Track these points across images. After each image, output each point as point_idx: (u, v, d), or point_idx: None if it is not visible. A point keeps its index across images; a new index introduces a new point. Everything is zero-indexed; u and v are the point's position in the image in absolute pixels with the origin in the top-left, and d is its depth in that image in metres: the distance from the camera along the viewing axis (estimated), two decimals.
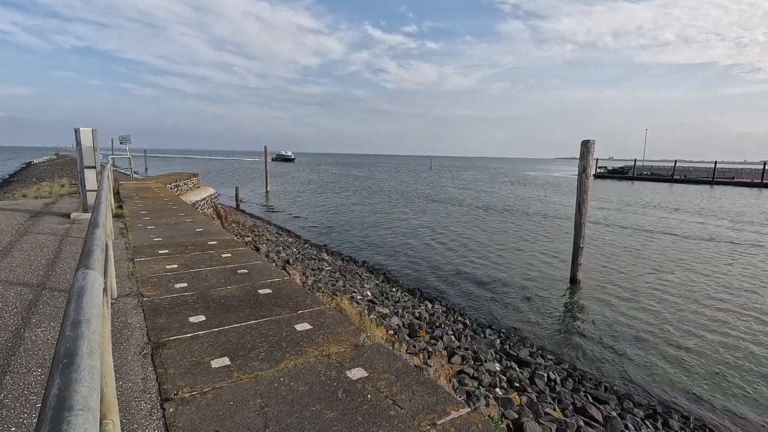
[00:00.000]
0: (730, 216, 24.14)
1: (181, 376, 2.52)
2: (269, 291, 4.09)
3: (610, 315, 9.27)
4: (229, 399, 2.31)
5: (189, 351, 2.84)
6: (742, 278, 12.02)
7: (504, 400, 5.09)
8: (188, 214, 8.70)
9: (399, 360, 2.82)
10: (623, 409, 5.82)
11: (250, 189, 36.57)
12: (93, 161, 8.04)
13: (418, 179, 58.21)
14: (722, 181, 51.24)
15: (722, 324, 8.80)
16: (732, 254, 14.94)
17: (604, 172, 64.86)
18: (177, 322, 3.29)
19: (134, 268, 4.73)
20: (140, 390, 2.41)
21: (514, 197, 35.15)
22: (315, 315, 3.53)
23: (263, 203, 28.39)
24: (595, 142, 11.05)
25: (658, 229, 19.79)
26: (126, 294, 3.95)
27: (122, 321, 3.34)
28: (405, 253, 14.76)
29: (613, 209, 26.72)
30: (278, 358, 2.77)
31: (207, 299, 3.81)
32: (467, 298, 10.42)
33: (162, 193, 12.24)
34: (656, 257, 14.37)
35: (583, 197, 11.20)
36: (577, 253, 11.48)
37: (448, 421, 2.15)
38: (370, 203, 29.44)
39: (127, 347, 2.92)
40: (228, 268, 4.83)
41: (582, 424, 5.03)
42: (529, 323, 8.91)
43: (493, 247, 15.87)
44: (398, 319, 7.78)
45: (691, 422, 5.70)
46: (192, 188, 17.34)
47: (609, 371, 7.05)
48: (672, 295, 10.58)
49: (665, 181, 55.04)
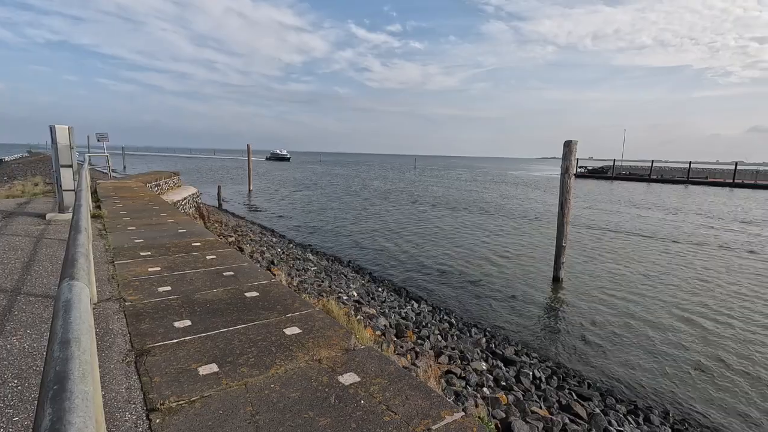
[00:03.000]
0: (705, 215, 24.95)
1: (168, 385, 2.44)
2: (256, 294, 4.01)
3: (592, 313, 9.45)
4: (218, 407, 2.25)
5: (175, 358, 2.75)
6: (719, 276, 12.42)
7: (492, 399, 5.13)
8: (170, 214, 8.50)
9: (391, 363, 2.80)
10: (606, 406, 5.94)
11: (233, 188, 36.02)
12: (69, 160, 7.77)
13: (403, 178, 58.33)
14: (696, 181, 52.98)
15: (699, 320, 9.07)
16: (708, 253, 15.43)
17: (584, 172, 66.16)
18: (161, 328, 3.20)
19: (115, 271, 4.59)
20: (124, 400, 2.33)
21: (498, 197, 35.55)
22: (304, 318, 3.47)
23: (246, 202, 28.00)
24: (577, 143, 11.24)
25: (637, 228, 20.30)
26: (107, 298, 3.82)
27: (103, 327, 3.22)
28: (390, 253, 14.75)
29: (594, 209, 27.29)
30: (268, 364, 2.71)
31: (192, 303, 3.72)
32: (453, 297, 10.48)
33: (142, 193, 11.93)
34: (636, 256, 14.73)
35: (566, 197, 11.38)
36: (559, 252, 11.67)
37: (443, 426, 2.14)
38: (354, 202, 29.35)
39: (110, 355, 2.82)
40: (213, 270, 4.73)
41: (567, 422, 5.10)
42: (514, 322, 9.01)
43: (477, 246, 16.01)
44: (385, 319, 7.76)
45: (670, 417, 5.85)
46: (173, 187, 16.97)
47: (592, 368, 7.18)
48: (651, 292, 10.86)
49: (643, 181, 56.58)
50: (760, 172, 53.26)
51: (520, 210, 26.76)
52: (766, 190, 45.19)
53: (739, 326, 8.80)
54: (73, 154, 7.92)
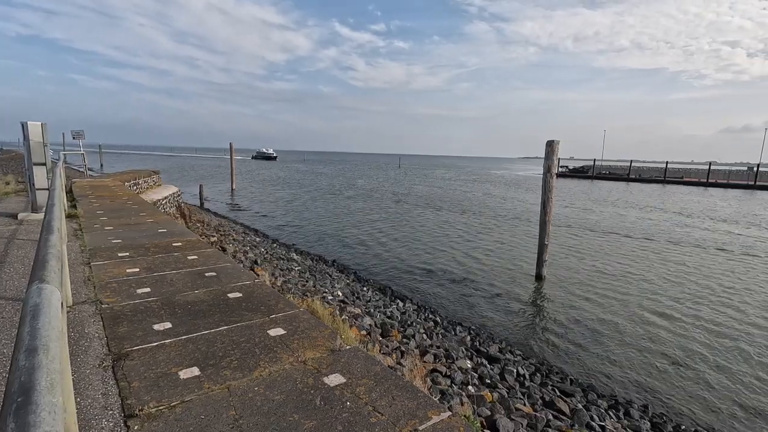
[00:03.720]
0: (680, 213, 25.67)
1: (147, 390, 2.36)
2: (240, 294, 3.94)
3: (574, 310, 9.61)
4: (200, 412, 2.18)
5: (154, 361, 2.67)
6: (693, 273, 12.78)
7: (477, 397, 5.16)
8: (149, 213, 8.29)
9: (377, 364, 2.77)
10: (588, 401, 6.04)
11: (215, 187, 35.44)
12: (43, 158, 7.50)
13: (388, 177, 58.36)
14: (672, 180, 54.59)
15: (675, 315, 9.32)
16: (682, 251, 15.88)
17: (565, 172, 67.35)
18: (140, 331, 3.10)
19: (91, 273, 4.44)
20: (101, 407, 2.24)
21: (481, 195, 35.89)
22: (289, 319, 3.42)
23: (229, 201, 27.59)
24: (559, 143, 11.40)
25: (617, 226, 20.76)
26: (82, 301, 3.68)
27: (78, 331, 3.11)
28: (375, 252, 14.73)
29: (574, 208, 27.79)
30: (252, 366, 2.65)
31: (173, 305, 3.62)
32: (437, 295, 10.52)
33: (120, 192, 11.61)
34: (615, 254, 15.05)
35: (548, 196, 11.54)
36: (542, 250, 11.83)
37: (430, 426, 2.13)
38: (338, 201, 29.22)
39: (85, 359, 2.72)
40: (195, 271, 4.62)
41: (551, 418, 5.17)
42: (498, 319, 9.10)
43: (461, 244, 16.11)
44: (370, 318, 7.74)
45: (649, 411, 5.99)
46: (153, 186, 16.58)
47: (574, 364, 7.30)
48: (629, 289, 11.11)
49: (622, 180, 57.96)
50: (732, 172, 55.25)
51: (503, 208, 27.07)
52: (737, 189, 46.99)
53: (711, 321, 9.07)
54: (47, 151, 7.65)
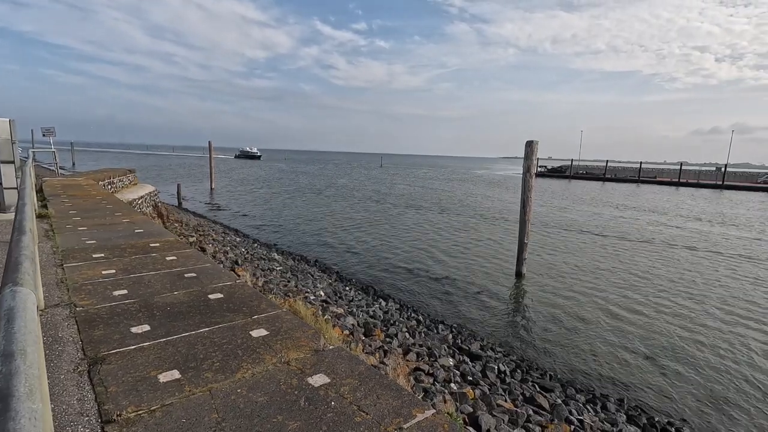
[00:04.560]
0: (651, 211, 26.52)
1: (125, 394, 2.30)
2: (221, 295, 3.87)
3: (552, 306, 9.82)
4: (181, 416, 2.14)
5: (132, 365, 2.60)
6: (666, 269, 13.22)
7: (459, 394, 5.21)
8: (125, 213, 8.06)
9: (361, 363, 2.77)
10: (567, 396, 6.18)
11: (194, 186, 34.71)
12: (11, 155, 7.21)
13: (370, 177, 58.31)
14: (646, 180, 56.39)
15: (648, 311, 9.63)
16: (654, 248, 16.41)
17: (544, 171, 68.68)
18: (117, 334, 3.02)
19: (64, 275, 4.29)
20: (76, 413, 2.17)
21: (462, 195, 36.24)
22: (271, 319, 3.38)
23: (208, 201, 27.08)
24: (538, 143, 11.61)
25: (593, 224, 21.28)
26: (55, 304, 3.56)
27: (52, 335, 3.00)
28: (357, 251, 14.70)
29: (553, 207, 28.36)
30: (234, 368, 2.62)
31: (151, 307, 3.53)
32: (419, 294, 10.58)
33: (94, 191, 11.26)
34: (592, 251, 15.44)
35: (528, 195, 11.75)
36: (521, 248, 12.04)
37: (415, 424, 2.14)
38: (320, 201, 29.04)
39: (59, 364, 2.63)
40: (174, 272, 4.52)
41: (531, 413, 5.27)
42: (479, 317, 9.21)
43: (443, 243, 16.24)
44: (353, 318, 7.72)
45: (625, 404, 6.18)
46: (128, 185, 16.14)
47: (553, 360, 7.46)
48: (605, 285, 11.41)
49: (598, 180, 59.51)
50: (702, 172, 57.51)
51: (483, 207, 27.42)
52: (706, 188, 48.94)
53: (681, 315, 9.41)
54: (15, 149, 7.36)
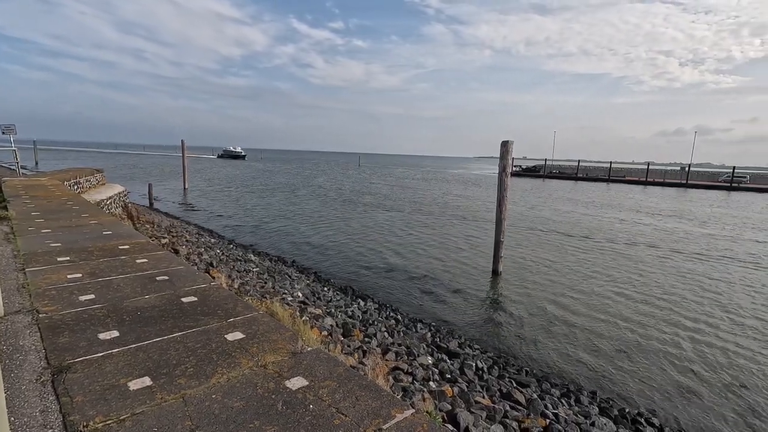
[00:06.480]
0: (618, 208, 27.47)
1: (92, 404, 2.20)
2: (194, 298, 3.77)
3: (528, 303, 10.02)
4: (153, 425, 2.07)
5: (100, 373, 2.50)
6: (633, 266, 13.70)
7: (438, 392, 5.25)
8: (93, 214, 7.76)
9: (340, 365, 2.75)
10: (542, 391, 6.32)
11: (166, 186, 33.73)
12: None
13: (347, 176, 58.10)
14: (616, 179, 58.46)
15: (619, 307, 9.95)
16: (623, 246, 16.98)
17: (519, 171, 70.09)
18: (84, 341, 2.89)
19: (26, 280, 4.08)
20: (39, 425, 2.06)
21: (439, 194, 36.57)
22: (247, 322, 3.31)
23: (181, 201, 26.36)
24: (513, 143, 11.82)
25: (565, 222, 21.85)
26: (16, 311, 3.38)
27: (11, 344, 2.85)
28: (335, 251, 14.62)
29: (527, 206, 28.97)
30: (209, 373, 2.55)
31: (120, 312, 3.40)
32: (398, 293, 10.61)
33: (58, 191, 10.78)
34: (564, 249, 15.84)
35: (504, 194, 11.94)
36: (498, 246, 12.23)
37: (394, 425, 2.13)
38: (297, 201, 28.73)
39: (20, 374, 2.50)
40: (145, 275, 4.37)
41: (509, 409, 5.36)
42: (457, 315, 9.31)
43: (420, 242, 16.34)
44: (332, 319, 7.67)
45: (597, 397, 6.36)
46: (96, 185, 15.54)
47: (529, 355, 7.61)
48: (578, 281, 11.73)
49: (571, 179, 61.24)
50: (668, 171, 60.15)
51: (459, 206, 27.74)
52: (671, 187, 51.23)
53: (649, 310, 9.77)
54: None
